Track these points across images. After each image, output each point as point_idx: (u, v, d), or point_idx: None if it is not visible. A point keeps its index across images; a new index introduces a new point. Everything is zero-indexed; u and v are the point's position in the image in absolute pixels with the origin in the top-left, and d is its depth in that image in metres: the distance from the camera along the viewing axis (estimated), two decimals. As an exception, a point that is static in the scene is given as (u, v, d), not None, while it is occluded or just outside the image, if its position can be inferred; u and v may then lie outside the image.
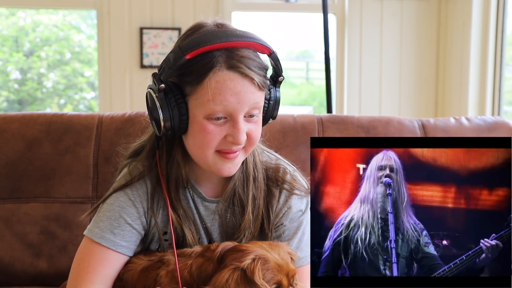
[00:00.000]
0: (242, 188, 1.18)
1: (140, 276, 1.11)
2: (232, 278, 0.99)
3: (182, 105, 1.06)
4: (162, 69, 1.06)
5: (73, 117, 1.71)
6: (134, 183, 1.17)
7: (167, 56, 1.06)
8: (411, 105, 3.96)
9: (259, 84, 1.06)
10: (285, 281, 1.03)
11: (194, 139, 1.09)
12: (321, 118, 1.74)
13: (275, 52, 1.11)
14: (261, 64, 1.08)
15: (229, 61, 1.04)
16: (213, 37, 1.03)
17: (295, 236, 1.20)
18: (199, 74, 1.04)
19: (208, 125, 1.06)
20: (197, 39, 1.04)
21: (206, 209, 1.21)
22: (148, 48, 3.77)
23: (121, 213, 1.15)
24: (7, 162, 1.64)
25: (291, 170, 1.24)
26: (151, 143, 1.19)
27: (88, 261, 1.13)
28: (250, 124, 1.09)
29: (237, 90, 1.04)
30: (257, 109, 1.09)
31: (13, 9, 5.20)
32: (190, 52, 1.02)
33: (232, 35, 1.05)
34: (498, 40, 3.49)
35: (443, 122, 1.78)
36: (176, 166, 1.15)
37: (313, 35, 5.28)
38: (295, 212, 1.21)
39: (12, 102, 5.53)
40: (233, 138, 1.07)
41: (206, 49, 1.03)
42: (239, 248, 1.05)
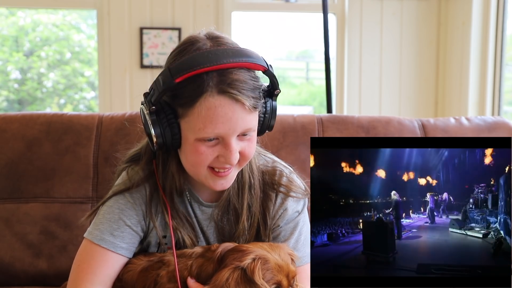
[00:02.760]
0: (237, 197, 1.19)
1: (139, 276, 1.11)
2: (232, 278, 0.99)
3: (174, 125, 1.06)
4: (152, 91, 1.05)
5: (73, 117, 1.71)
6: (133, 188, 1.17)
7: (157, 78, 1.04)
8: (411, 105, 3.96)
9: (250, 107, 1.04)
10: (285, 281, 1.04)
11: (186, 157, 1.09)
12: (321, 118, 1.74)
13: (270, 67, 1.08)
14: (254, 85, 1.05)
15: (220, 86, 1.01)
16: (204, 59, 1.00)
17: (291, 237, 1.20)
18: (190, 99, 1.02)
19: (200, 146, 1.05)
20: (187, 60, 1.01)
21: (203, 213, 1.21)
22: (148, 48, 3.76)
23: (120, 215, 1.15)
24: (7, 162, 1.64)
25: (288, 172, 1.23)
26: (148, 151, 1.19)
27: (88, 262, 1.13)
28: (243, 142, 1.08)
29: (228, 117, 1.02)
30: (250, 131, 1.08)
31: (13, 9, 5.19)
32: (180, 77, 1.01)
33: (224, 56, 1.01)
34: (498, 40, 3.49)
35: (443, 122, 1.78)
36: (171, 177, 1.16)
37: (313, 35, 5.28)
38: (291, 214, 1.21)
39: (12, 102, 5.53)
40: (225, 159, 1.06)
41: (196, 72, 1.00)
42: (239, 248, 1.06)
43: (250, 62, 1.04)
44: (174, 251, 1.10)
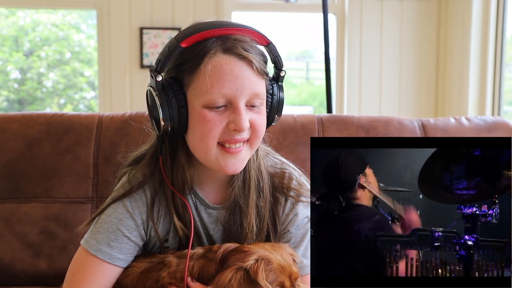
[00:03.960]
0: (243, 195, 1.15)
1: (140, 277, 1.10)
2: (235, 278, 0.98)
3: (180, 96, 1.04)
4: (158, 61, 1.06)
5: (73, 117, 1.71)
6: (133, 193, 1.13)
7: (163, 48, 1.05)
8: (411, 105, 3.96)
9: (258, 68, 1.04)
10: (287, 282, 1.02)
11: (194, 132, 1.06)
12: (321, 118, 1.74)
13: (273, 43, 1.09)
14: (258, 49, 1.06)
15: (225, 45, 1.02)
16: (208, 25, 1.04)
17: (301, 244, 1.18)
18: (195, 60, 1.02)
19: (208, 113, 1.03)
20: (192, 27, 1.04)
21: (210, 216, 1.17)
22: (148, 48, 3.77)
23: (118, 226, 1.12)
24: (7, 162, 1.64)
25: (297, 175, 1.21)
26: (153, 149, 1.16)
27: (82, 272, 1.11)
28: (253, 113, 1.06)
29: (235, 74, 1.01)
30: (258, 99, 1.06)
31: (13, 9, 5.19)
32: (185, 40, 1.02)
33: (228, 24, 1.05)
34: (498, 40, 3.49)
35: (443, 122, 1.78)
36: (181, 169, 1.12)
37: (313, 35, 5.28)
38: (302, 219, 1.18)
39: (12, 102, 5.53)
40: (235, 124, 1.03)
41: (201, 36, 1.02)
42: (241, 249, 1.04)
43: (254, 30, 1.07)
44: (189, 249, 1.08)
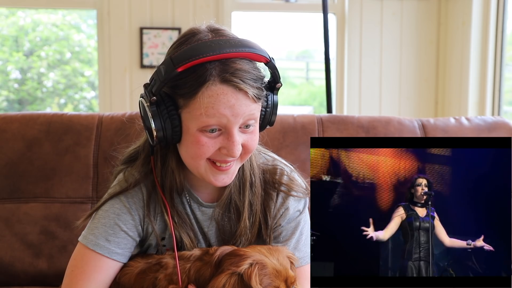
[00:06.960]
0: (238, 195, 1.16)
1: (137, 278, 1.10)
2: (229, 283, 0.98)
3: (174, 117, 1.03)
4: (153, 81, 1.03)
5: (73, 117, 1.71)
6: (129, 190, 1.15)
7: (158, 68, 1.02)
8: (411, 105, 3.96)
9: (254, 96, 1.03)
10: (283, 286, 1.02)
11: (187, 150, 1.07)
12: (321, 118, 1.74)
13: (272, 60, 1.07)
14: (256, 75, 1.04)
15: (223, 75, 1.00)
16: (206, 48, 0.99)
17: (292, 237, 1.19)
18: (192, 88, 1.01)
19: (202, 137, 1.03)
20: (189, 50, 1.00)
21: (203, 214, 1.19)
22: (148, 48, 3.77)
23: (116, 220, 1.13)
24: (7, 162, 1.64)
25: (288, 171, 1.22)
26: (146, 149, 1.17)
27: (82, 267, 1.12)
28: (246, 134, 1.06)
29: (231, 104, 1.00)
30: (253, 120, 1.06)
31: (13, 9, 5.19)
32: (182, 65, 0.99)
33: (226, 46, 1.00)
34: (498, 40, 3.49)
35: (443, 122, 1.78)
36: (171, 173, 1.13)
37: (313, 35, 5.28)
38: (293, 213, 1.20)
39: (12, 102, 5.53)
40: (227, 151, 1.04)
41: (198, 61, 0.99)
42: (237, 252, 1.04)
43: (253, 52, 1.03)
44: (176, 251, 1.08)
